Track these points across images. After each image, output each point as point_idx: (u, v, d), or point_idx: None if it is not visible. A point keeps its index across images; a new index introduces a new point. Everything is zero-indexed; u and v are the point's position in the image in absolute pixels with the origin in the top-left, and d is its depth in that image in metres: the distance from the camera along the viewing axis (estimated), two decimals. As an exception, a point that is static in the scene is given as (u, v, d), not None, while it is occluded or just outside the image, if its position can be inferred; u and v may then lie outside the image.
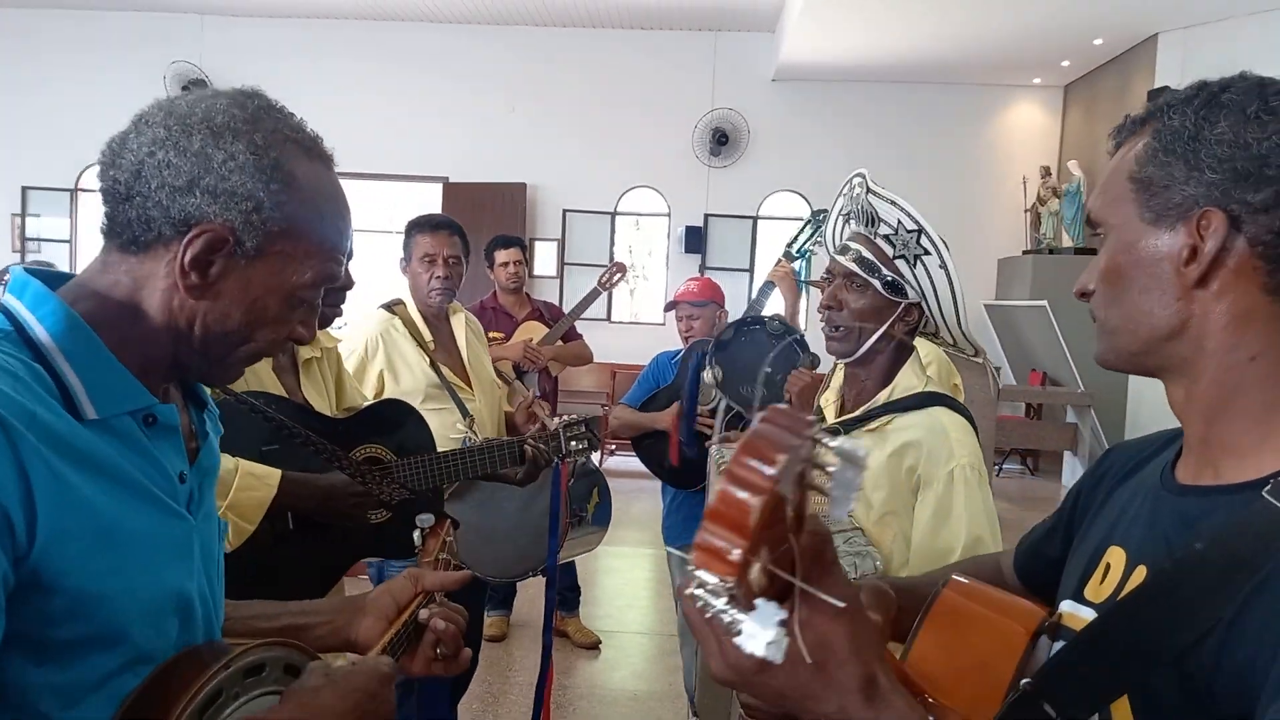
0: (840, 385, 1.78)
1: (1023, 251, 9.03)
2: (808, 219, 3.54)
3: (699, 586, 0.47)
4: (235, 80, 0.94)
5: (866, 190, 1.62)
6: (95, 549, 0.77)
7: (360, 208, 9.28)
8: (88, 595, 0.77)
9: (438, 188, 9.25)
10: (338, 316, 1.82)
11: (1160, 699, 0.69)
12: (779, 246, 3.56)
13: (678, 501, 3.21)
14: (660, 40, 9.32)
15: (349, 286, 1.80)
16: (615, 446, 8.36)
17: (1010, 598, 0.89)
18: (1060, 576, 0.91)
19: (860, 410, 1.66)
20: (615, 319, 9.47)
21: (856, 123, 9.25)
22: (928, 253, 1.58)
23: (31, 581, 0.73)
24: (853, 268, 1.62)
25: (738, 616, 0.47)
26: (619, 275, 4.81)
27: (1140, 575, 0.77)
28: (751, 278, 9.47)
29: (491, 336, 4.12)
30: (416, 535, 1.42)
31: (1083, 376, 7.76)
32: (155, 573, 0.84)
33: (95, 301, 0.84)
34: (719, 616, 0.48)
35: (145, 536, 0.83)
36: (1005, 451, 8.62)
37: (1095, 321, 0.83)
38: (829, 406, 1.77)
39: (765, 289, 3.37)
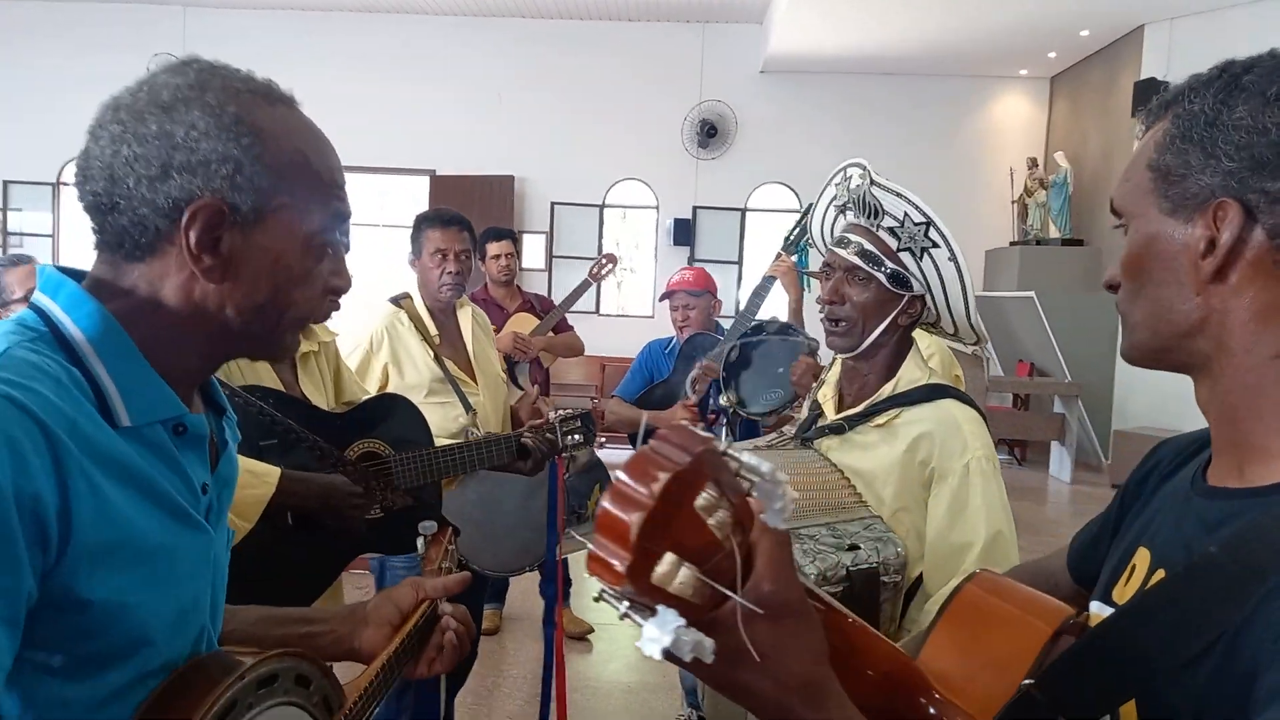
0: (838, 380, 1.75)
1: (1010, 243, 9.08)
2: (804, 212, 3.53)
3: (602, 593, 0.51)
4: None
5: (871, 182, 1.59)
6: (125, 562, 0.76)
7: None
8: (116, 608, 0.76)
9: (425, 180, 9.22)
10: (335, 310, 1.80)
11: (1167, 707, 0.67)
12: (767, 239, 3.55)
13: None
14: (648, 32, 9.31)
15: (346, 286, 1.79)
16: (606, 439, 8.34)
17: (1038, 595, 0.86)
18: None
19: (864, 405, 1.63)
20: (604, 312, 9.47)
21: (844, 114, 9.27)
22: (936, 245, 1.55)
23: (55, 598, 0.71)
24: (855, 261, 1.59)
25: (637, 620, 0.51)
26: (610, 266, 4.81)
27: (1159, 578, 0.75)
28: (740, 270, 9.49)
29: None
30: (420, 543, 1.42)
31: (1070, 367, 7.80)
32: (178, 585, 0.83)
33: (123, 303, 0.81)
34: (628, 617, 0.51)
35: (171, 549, 0.81)
36: (993, 442, 8.66)
37: (1120, 315, 0.80)
38: (827, 402, 1.73)
39: (765, 284, 3.34)
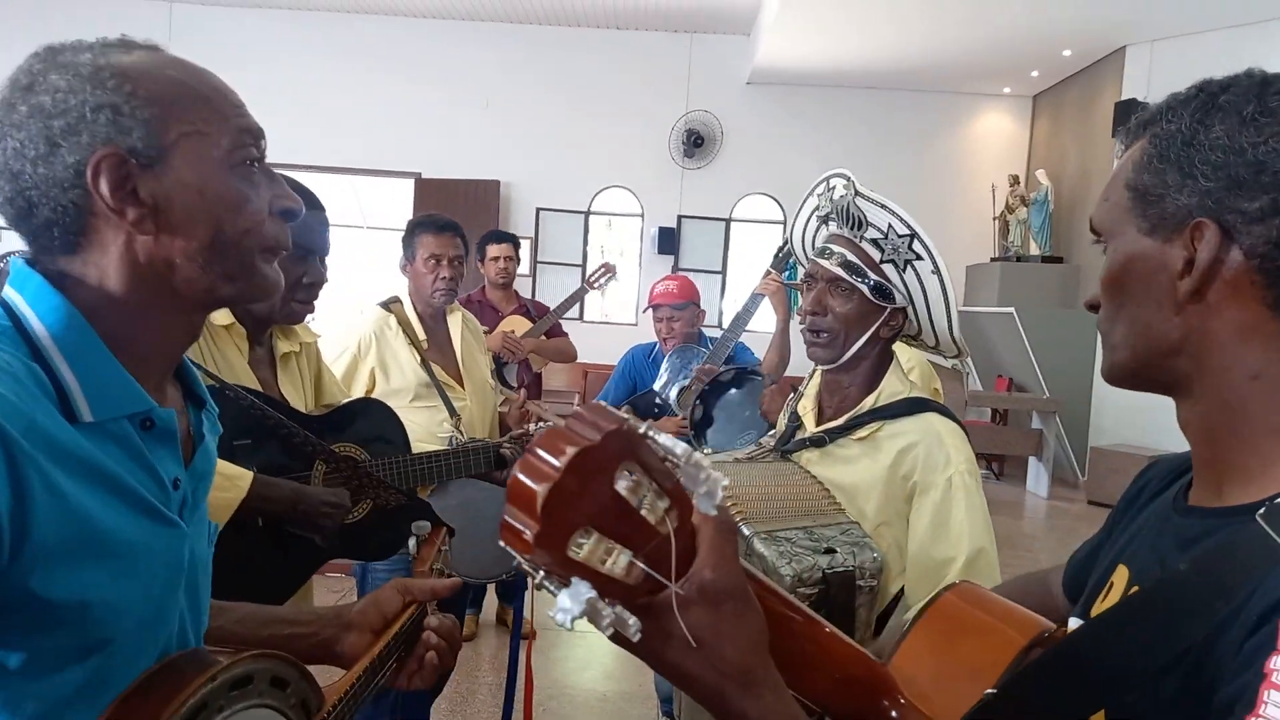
0: (817, 392, 1.74)
1: (990, 259, 9.15)
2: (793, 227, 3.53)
3: (520, 566, 0.53)
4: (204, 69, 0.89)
5: (855, 193, 1.58)
6: (87, 560, 0.75)
7: (330, 202, 9.23)
8: (78, 606, 0.74)
9: (409, 183, 9.19)
10: (310, 313, 1.79)
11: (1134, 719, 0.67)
12: (752, 249, 3.56)
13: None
14: (636, 40, 9.34)
15: (321, 282, 1.78)
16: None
17: (1016, 608, 0.86)
18: None
19: (844, 418, 1.63)
20: (587, 319, 9.46)
21: (829, 127, 9.33)
22: (920, 257, 1.55)
23: (12, 593, 0.70)
24: (838, 272, 1.58)
25: (551, 589, 0.52)
26: (608, 276, 4.84)
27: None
28: (724, 280, 9.52)
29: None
30: (412, 543, 1.39)
31: (1048, 383, 7.87)
32: (146, 582, 0.81)
33: (85, 293, 0.80)
34: (544, 589, 0.53)
35: (137, 546, 0.80)
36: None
37: (1100, 335, 0.80)
38: (807, 414, 1.72)
39: (752, 302, 3.34)
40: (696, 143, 9.33)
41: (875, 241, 1.58)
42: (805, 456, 1.66)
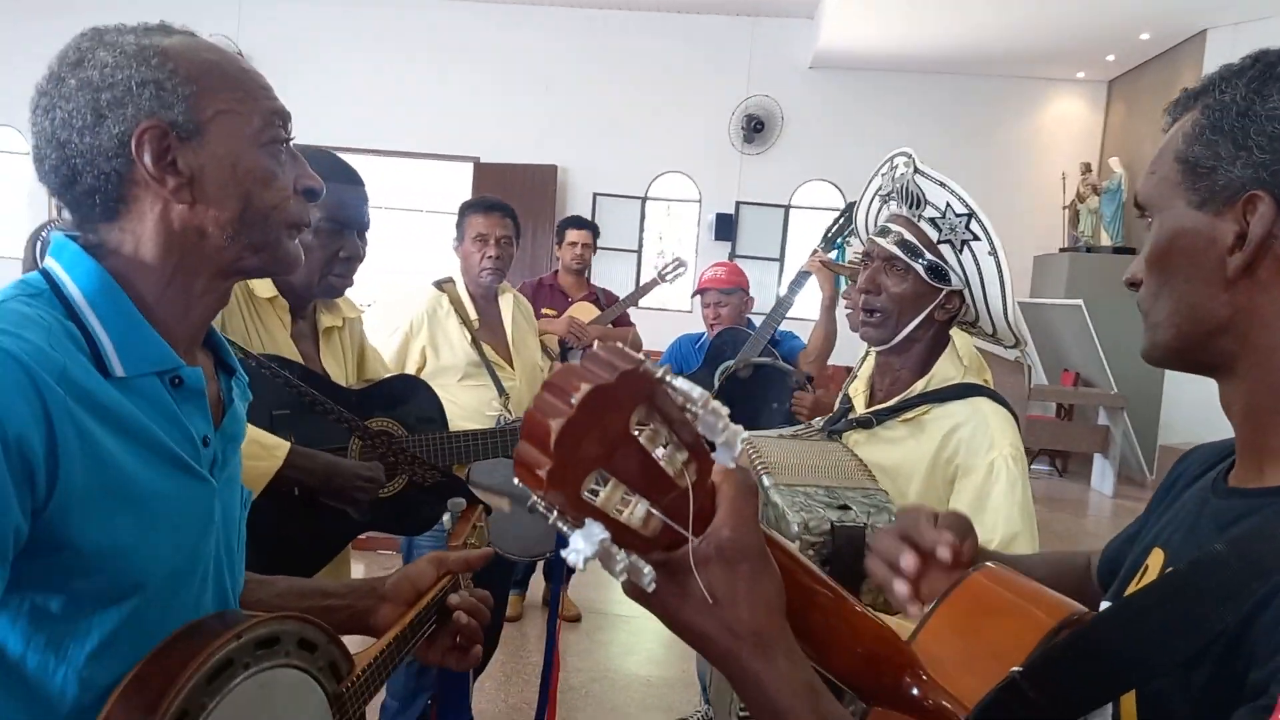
0: (870, 374, 1.72)
1: (1059, 249, 8.89)
2: (843, 209, 3.48)
3: (533, 504, 0.52)
4: (273, 57, 1.01)
5: (914, 170, 1.55)
6: (116, 505, 0.79)
7: (391, 186, 9.39)
8: (106, 550, 0.79)
9: (469, 167, 9.26)
10: (348, 286, 1.80)
11: (1165, 702, 0.65)
12: (810, 236, 3.52)
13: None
14: (697, 24, 9.25)
15: (358, 257, 1.78)
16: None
17: (1045, 590, 0.83)
18: None
19: (895, 400, 1.60)
20: (643, 304, 9.42)
21: (893, 113, 9.14)
22: (977, 238, 1.52)
23: (46, 535, 0.75)
24: (894, 251, 1.56)
25: (564, 529, 0.52)
26: (680, 270, 4.91)
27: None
28: (782, 267, 9.42)
29: (544, 312, 4.19)
30: (447, 518, 1.40)
31: (1116, 378, 7.62)
32: (174, 532, 0.86)
33: (116, 260, 0.86)
34: (556, 531, 0.52)
35: (166, 496, 0.84)
36: (1034, 452, 8.50)
37: (1143, 315, 0.77)
38: (858, 395, 1.70)
39: (799, 280, 3.33)
40: (756, 128, 9.22)
41: (933, 220, 1.55)
42: (852, 438, 1.63)
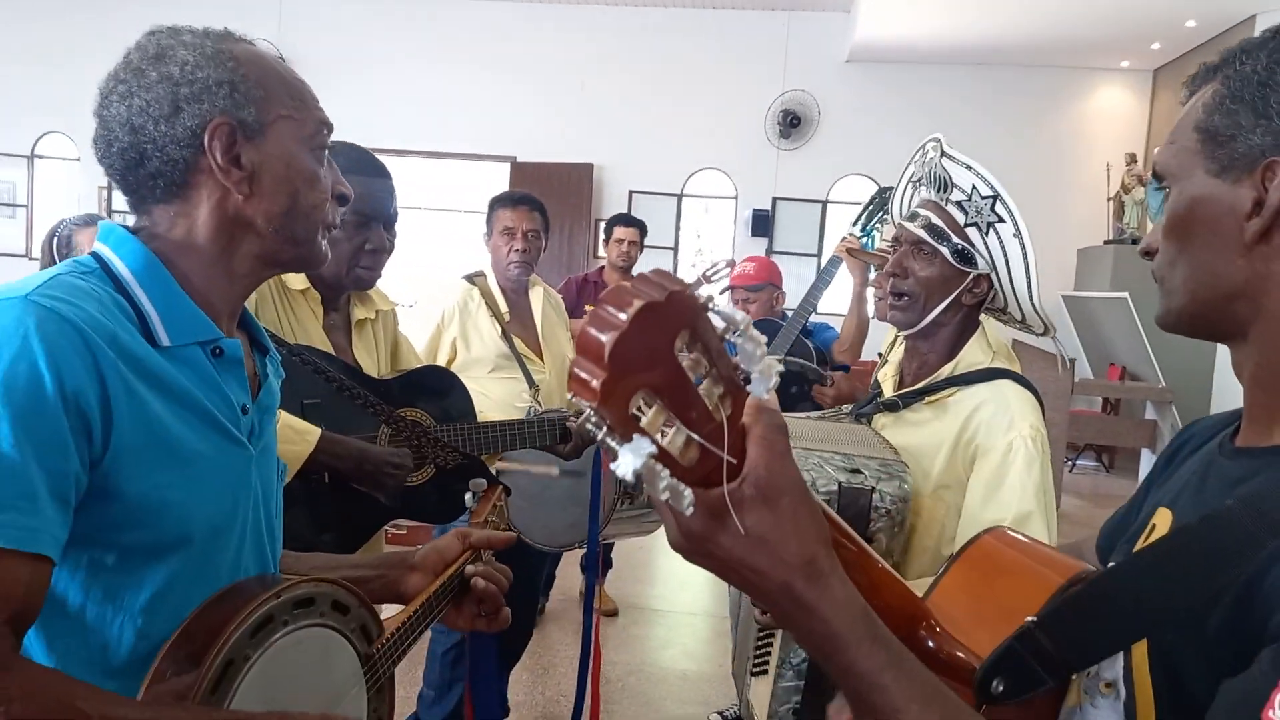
0: (899, 359, 1.73)
1: (1104, 241, 8.71)
2: (872, 196, 3.45)
3: (584, 421, 0.53)
4: (312, 61, 1.10)
5: (941, 153, 1.57)
6: (162, 462, 0.86)
7: (430, 187, 9.49)
8: (154, 504, 0.86)
9: (506, 167, 9.31)
10: (377, 278, 1.83)
11: (1177, 656, 0.66)
12: (848, 231, 3.50)
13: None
14: (733, 20, 9.21)
15: (385, 249, 1.80)
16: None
17: (1054, 553, 0.86)
18: None
19: (922, 384, 1.61)
20: (680, 302, 9.42)
21: (932, 105, 9.01)
22: (1002, 220, 1.53)
23: (101, 487, 0.82)
24: (921, 234, 1.57)
25: (612, 444, 0.53)
26: (726, 270, 4.93)
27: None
28: (819, 263, 9.34)
29: (588, 309, 4.20)
30: (469, 498, 1.45)
31: (1164, 371, 7.46)
32: (214, 491, 0.93)
33: (162, 243, 0.95)
34: (605, 448, 0.53)
35: (207, 457, 0.92)
36: (1079, 447, 8.35)
37: (1158, 283, 0.79)
38: (887, 381, 1.72)
39: (830, 268, 3.31)
40: (793, 123, 9.15)
41: (960, 204, 1.56)
42: (880, 421, 1.65)
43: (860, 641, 0.61)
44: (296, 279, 1.73)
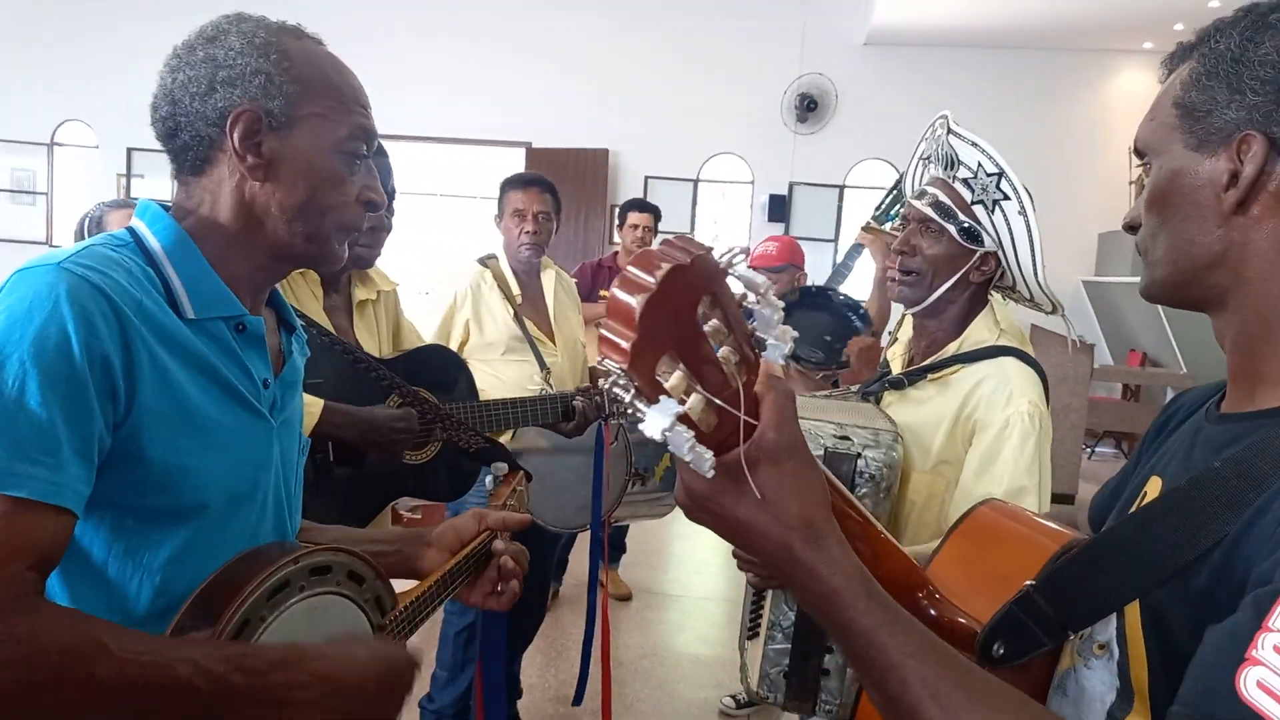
0: (908, 338, 1.74)
1: (1125, 226, 8.61)
2: (894, 184, 3.42)
3: (612, 384, 0.54)
4: (325, 41, 1.06)
5: (948, 131, 1.58)
6: (182, 427, 0.90)
7: (445, 172, 9.48)
8: (174, 468, 0.90)
9: (520, 152, 9.30)
10: (376, 256, 1.83)
11: (1168, 614, 0.68)
12: (866, 216, 3.48)
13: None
14: (749, 3, 9.13)
15: (385, 229, 1.80)
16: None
17: (1048, 523, 0.88)
18: None
19: (928, 361, 1.61)
20: (696, 287, 9.39)
21: (951, 89, 8.90)
22: (1007, 198, 1.53)
23: (124, 450, 0.86)
24: (928, 212, 1.58)
25: (639, 406, 0.54)
26: (742, 256, 4.90)
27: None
28: (836, 248, 9.28)
29: (602, 295, 4.22)
30: (489, 480, 1.48)
31: (1185, 357, 7.37)
32: (232, 460, 0.97)
33: (193, 219, 0.99)
34: (633, 410, 0.54)
35: (227, 427, 0.95)
36: (1098, 434, 8.28)
37: (1142, 255, 0.83)
38: (895, 359, 1.73)
39: (854, 251, 3.29)
40: (810, 107, 9.08)
41: (966, 181, 1.57)
42: (887, 400, 1.66)
43: (856, 599, 0.64)
44: None
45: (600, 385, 2.33)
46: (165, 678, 0.81)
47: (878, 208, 3.36)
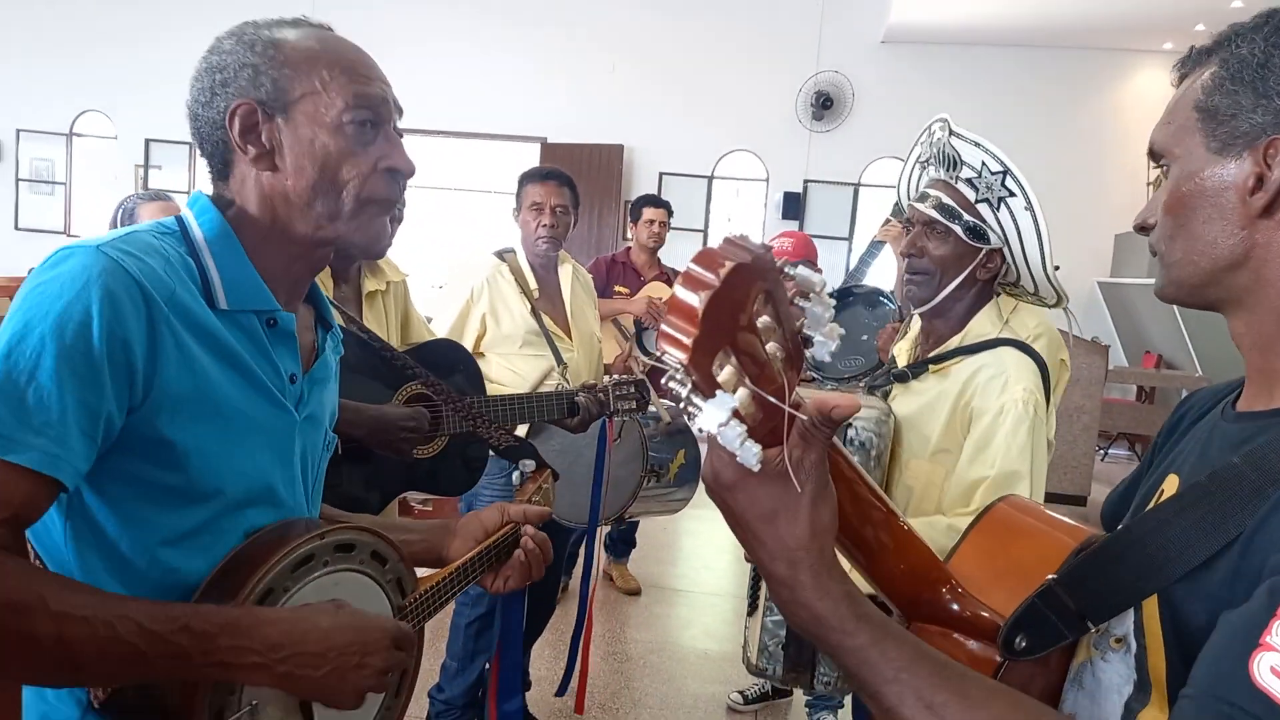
0: (916, 336, 1.78)
1: (1136, 227, 8.55)
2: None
3: (670, 379, 0.55)
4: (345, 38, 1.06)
5: (949, 133, 1.62)
6: (204, 413, 0.92)
7: (460, 167, 9.51)
8: (190, 452, 0.91)
9: (536, 147, 9.31)
10: (388, 247, 1.84)
11: (1185, 608, 0.69)
12: (881, 215, 3.47)
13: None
14: (765, 0, 9.11)
15: (398, 219, 1.80)
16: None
17: (1065, 520, 0.90)
18: None
19: (932, 354, 1.66)
20: (709, 284, 9.37)
21: (968, 88, 8.88)
22: (1013, 194, 1.56)
23: (142, 431, 0.88)
24: (933, 214, 1.61)
25: (696, 401, 0.55)
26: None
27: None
28: (850, 246, 9.26)
29: (617, 290, 4.21)
30: (516, 476, 1.52)
31: (1201, 360, 7.33)
32: (252, 449, 0.98)
33: (233, 212, 1.01)
34: (688, 404, 0.55)
35: (250, 417, 0.97)
36: (1112, 436, 8.24)
37: (1155, 256, 0.84)
38: (901, 355, 1.77)
39: (873, 248, 3.29)
40: (825, 104, 9.05)
41: (970, 181, 1.60)
42: (892, 393, 1.71)
43: (844, 622, 0.66)
44: None
45: (607, 384, 2.33)
46: (104, 635, 0.81)
47: (897, 203, 3.35)
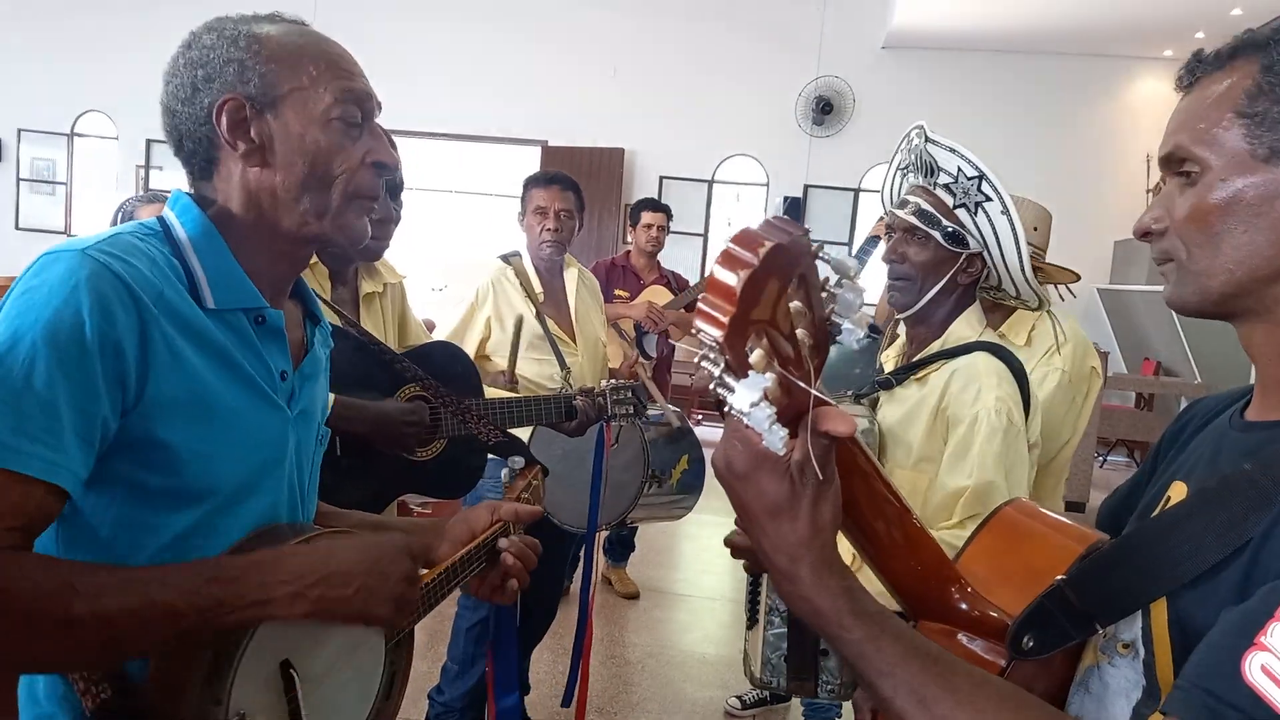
0: (902, 344, 1.81)
1: (1138, 233, 8.55)
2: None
3: (704, 359, 0.55)
4: (342, 39, 1.06)
5: (925, 140, 1.63)
6: (196, 413, 0.92)
7: (461, 170, 9.51)
8: (183, 453, 0.91)
9: (536, 151, 9.32)
10: (384, 249, 1.84)
11: (1195, 615, 0.69)
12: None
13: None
14: (766, 5, 9.12)
15: (391, 218, 1.81)
16: (703, 416, 8.33)
17: (1071, 524, 0.91)
18: None
19: (914, 360, 1.67)
20: (708, 289, 9.37)
21: (969, 94, 8.89)
22: (989, 199, 1.58)
23: (137, 433, 0.88)
24: (913, 221, 1.64)
25: (729, 380, 0.55)
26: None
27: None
28: (850, 251, 9.26)
29: (617, 294, 4.22)
30: (505, 473, 1.49)
31: (1200, 367, 7.33)
32: (245, 448, 0.98)
33: (216, 212, 1.00)
34: (719, 384, 0.55)
35: (241, 415, 0.96)
36: (1111, 443, 8.24)
37: (1171, 263, 0.80)
38: (889, 362, 1.80)
39: (868, 246, 3.30)
40: (825, 109, 9.06)
41: (947, 186, 1.62)
42: (878, 401, 1.73)
43: (841, 618, 0.68)
44: None
45: (604, 387, 2.33)
46: (139, 603, 0.82)
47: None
